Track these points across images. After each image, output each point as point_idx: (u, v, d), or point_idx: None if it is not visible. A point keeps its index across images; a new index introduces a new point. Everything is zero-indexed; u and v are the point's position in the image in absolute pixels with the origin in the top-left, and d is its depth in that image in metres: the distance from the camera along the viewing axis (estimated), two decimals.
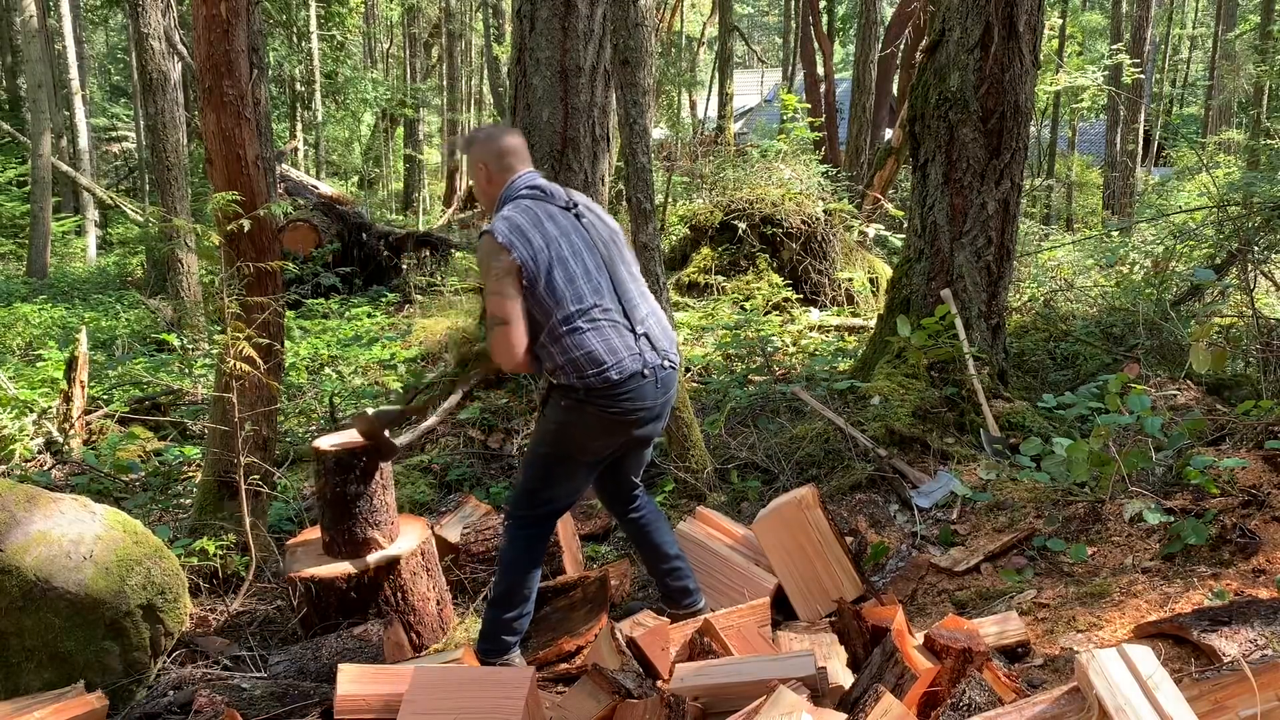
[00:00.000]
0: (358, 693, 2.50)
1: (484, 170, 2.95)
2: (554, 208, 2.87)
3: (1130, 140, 16.81)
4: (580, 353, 2.72)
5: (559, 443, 2.88)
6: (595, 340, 2.74)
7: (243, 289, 3.67)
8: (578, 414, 2.80)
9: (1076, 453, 3.51)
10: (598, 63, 5.84)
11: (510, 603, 2.92)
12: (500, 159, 2.93)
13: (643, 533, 3.14)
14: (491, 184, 2.94)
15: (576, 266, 2.78)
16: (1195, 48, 30.56)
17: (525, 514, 2.96)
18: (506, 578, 2.93)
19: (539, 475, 2.93)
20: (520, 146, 2.99)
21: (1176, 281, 6.95)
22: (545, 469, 2.92)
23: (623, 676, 2.35)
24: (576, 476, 2.95)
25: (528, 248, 2.72)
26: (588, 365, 2.72)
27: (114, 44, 27.96)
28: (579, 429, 2.83)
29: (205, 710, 2.64)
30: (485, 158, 2.94)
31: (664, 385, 2.86)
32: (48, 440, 5.57)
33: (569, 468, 2.91)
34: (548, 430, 2.90)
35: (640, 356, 2.78)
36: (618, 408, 2.77)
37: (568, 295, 2.74)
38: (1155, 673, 1.82)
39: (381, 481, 3.34)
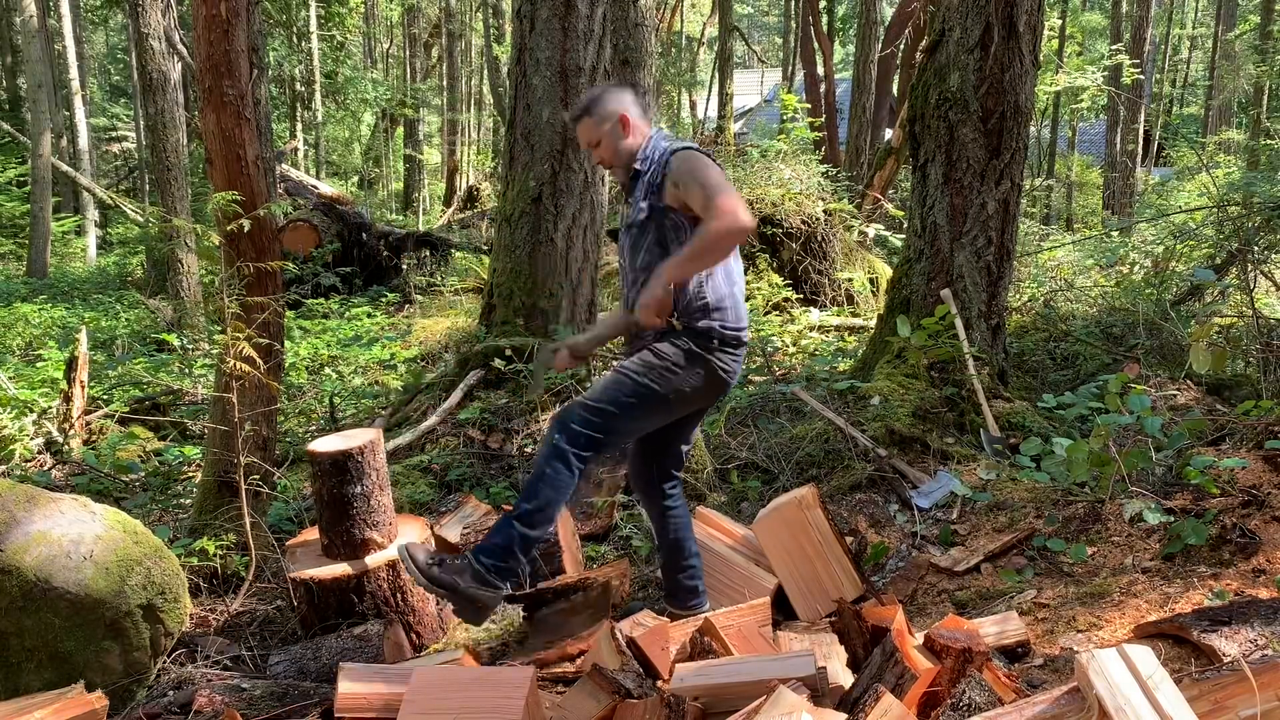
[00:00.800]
0: (359, 692, 2.50)
1: (626, 123, 2.86)
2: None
3: (1130, 140, 16.82)
4: (730, 302, 2.82)
5: (663, 380, 2.78)
6: (739, 300, 2.86)
7: (243, 289, 3.67)
8: (696, 361, 2.80)
9: (1076, 453, 3.51)
10: (598, 63, 5.84)
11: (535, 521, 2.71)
12: (639, 107, 2.92)
13: (672, 526, 3.12)
14: (634, 135, 2.88)
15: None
16: (1195, 48, 30.57)
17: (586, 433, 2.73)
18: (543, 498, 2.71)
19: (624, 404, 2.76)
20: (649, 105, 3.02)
21: (1176, 281, 6.96)
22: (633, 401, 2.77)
23: (623, 676, 2.35)
24: (650, 421, 2.87)
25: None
26: (732, 317, 2.82)
27: (114, 44, 27.96)
28: (690, 375, 2.80)
29: (205, 710, 2.64)
30: (628, 108, 2.89)
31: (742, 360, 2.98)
32: (48, 440, 5.57)
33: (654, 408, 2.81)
34: (656, 366, 2.79)
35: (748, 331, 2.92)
36: (730, 367, 2.86)
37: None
38: (1155, 673, 1.82)
39: (378, 482, 3.34)
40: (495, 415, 5.37)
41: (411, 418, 5.76)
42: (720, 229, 2.62)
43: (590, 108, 2.91)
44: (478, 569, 2.65)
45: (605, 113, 2.88)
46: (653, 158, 2.84)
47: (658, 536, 3.20)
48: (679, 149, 2.78)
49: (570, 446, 2.72)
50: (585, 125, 2.93)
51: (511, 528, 2.70)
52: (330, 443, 3.34)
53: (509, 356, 5.53)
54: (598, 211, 6.08)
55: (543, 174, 5.81)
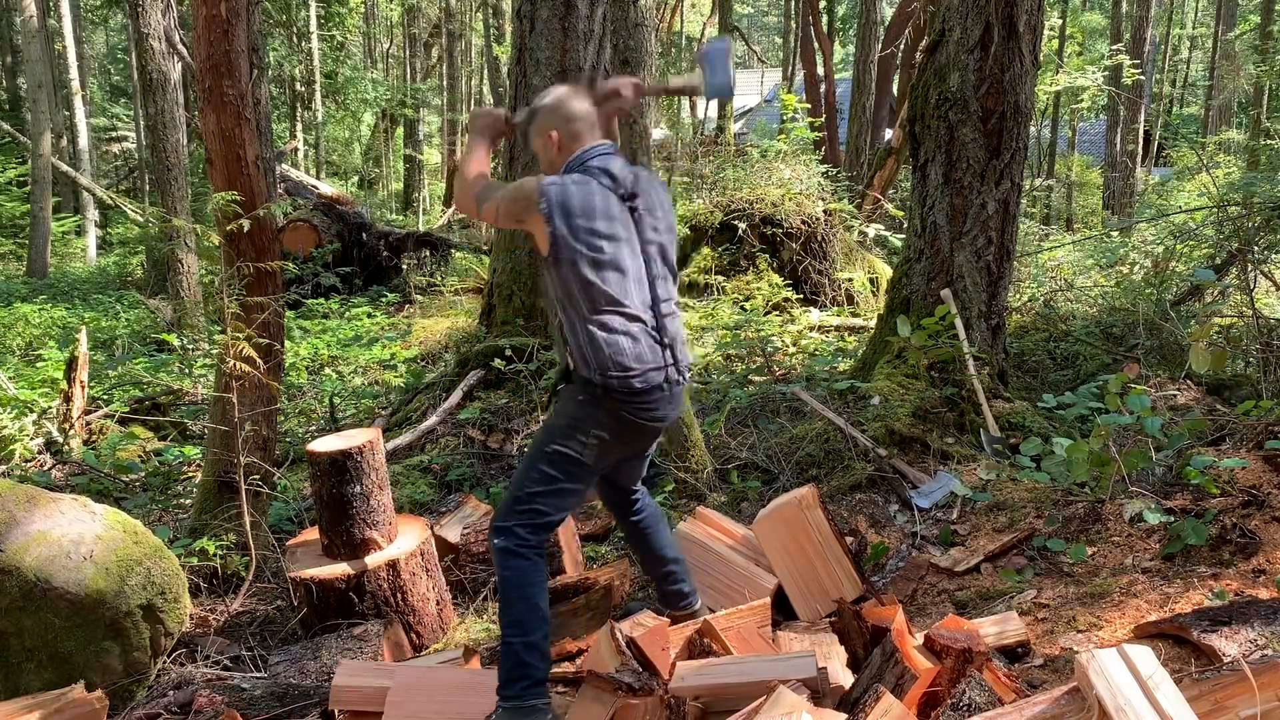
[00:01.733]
0: (353, 685, 2.51)
1: (553, 139, 2.73)
2: (614, 198, 2.66)
3: (1130, 140, 16.82)
4: (608, 351, 2.58)
5: (569, 439, 2.66)
6: (626, 343, 2.60)
7: (242, 289, 3.67)
8: (593, 411, 2.64)
9: (1076, 453, 3.51)
10: (598, 63, 5.84)
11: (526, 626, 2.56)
12: (569, 124, 2.72)
13: (642, 535, 3.08)
14: (562, 152, 2.74)
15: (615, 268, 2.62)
16: (1195, 48, 30.56)
17: (513, 525, 2.63)
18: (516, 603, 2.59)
19: (539, 476, 2.67)
20: (591, 113, 2.76)
21: (1176, 281, 6.95)
22: (549, 468, 2.67)
23: (623, 675, 2.35)
24: (578, 483, 2.73)
25: (565, 225, 2.56)
26: (614, 367, 2.58)
27: (114, 44, 27.96)
28: (592, 426, 2.65)
29: (205, 710, 2.64)
30: (554, 124, 2.73)
31: (675, 401, 2.76)
32: (48, 440, 5.57)
33: (573, 469, 2.68)
34: (557, 427, 2.70)
35: (664, 370, 2.66)
36: (632, 414, 2.65)
37: (601, 291, 2.59)
38: (1155, 673, 1.82)
39: (377, 482, 3.33)
40: (495, 415, 5.37)
41: (411, 418, 5.76)
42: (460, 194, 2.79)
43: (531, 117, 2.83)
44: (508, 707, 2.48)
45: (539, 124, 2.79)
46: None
47: (632, 547, 3.17)
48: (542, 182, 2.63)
49: (513, 543, 2.62)
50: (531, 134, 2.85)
51: (509, 647, 2.55)
52: (329, 443, 3.34)
53: (509, 356, 5.53)
54: None
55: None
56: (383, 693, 2.47)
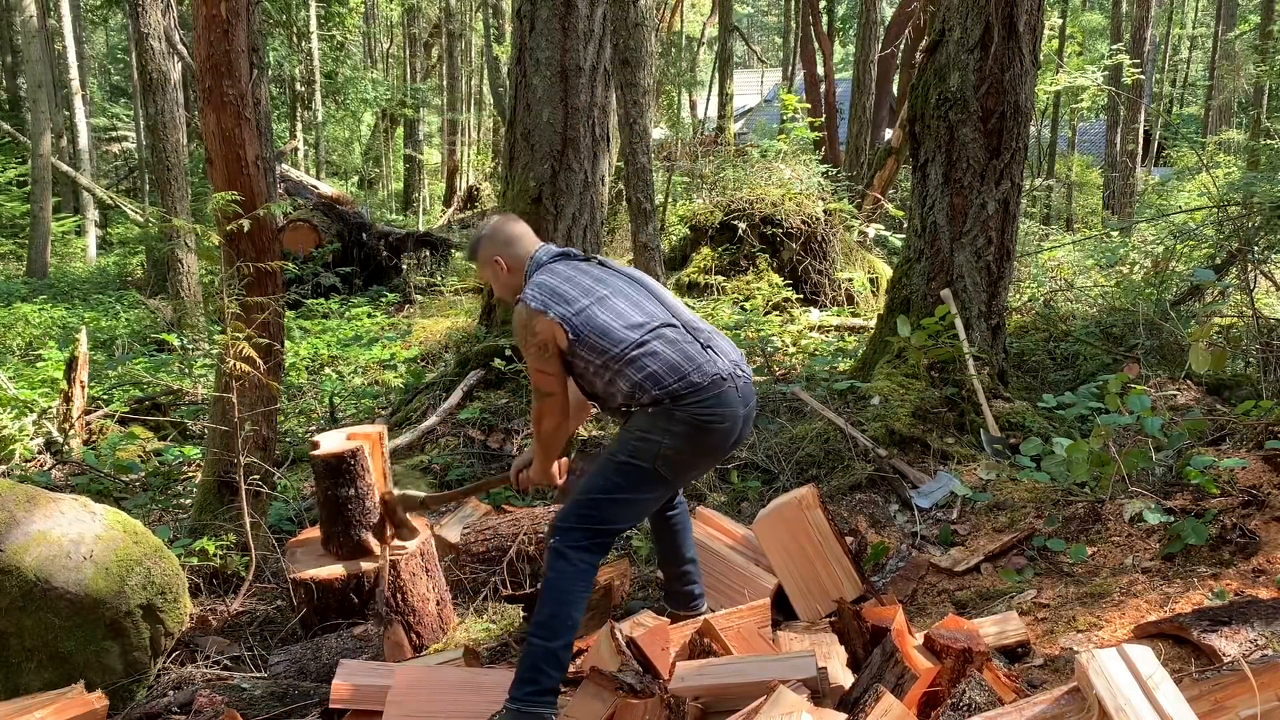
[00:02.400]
0: (354, 684, 2.51)
1: (500, 264, 2.86)
2: (580, 263, 2.84)
3: (1130, 140, 16.81)
4: (657, 365, 2.61)
5: (640, 454, 2.65)
6: (669, 350, 2.63)
7: (243, 289, 3.67)
8: (665, 422, 2.62)
9: (1076, 453, 3.51)
10: (598, 63, 5.84)
11: (554, 630, 2.56)
12: (509, 247, 2.87)
13: (670, 533, 3.12)
14: (512, 273, 2.86)
15: (621, 301, 2.71)
16: (1195, 48, 30.56)
17: (575, 529, 2.64)
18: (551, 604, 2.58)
19: (610, 487, 2.67)
20: (523, 230, 2.93)
21: (1176, 281, 6.95)
22: (619, 481, 2.67)
23: (624, 675, 2.35)
24: (646, 496, 2.74)
25: (562, 304, 2.65)
26: (667, 375, 2.60)
27: (114, 44, 27.96)
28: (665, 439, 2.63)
29: (205, 710, 2.64)
30: (496, 252, 2.87)
31: (745, 394, 2.72)
32: (48, 440, 5.57)
33: (643, 482, 2.68)
34: (629, 441, 2.68)
35: (715, 361, 2.66)
36: (708, 413, 2.62)
37: (620, 327, 2.64)
38: (1155, 673, 1.82)
39: (375, 484, 3.33)
40: (495, 415, 5.37)
41: (411, 418, 5.76)
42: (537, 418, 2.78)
43: (472, 253, 2.96)
44: (513, 709, 2.46)
45: (483, 257, 2.90)
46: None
47: (656, 542, 3.21)
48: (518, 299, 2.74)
49: (568, 546, 2.63)
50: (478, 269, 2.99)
51: (531, 648, 2.54)
52: (331, 439, 3.34)
53: (509, 356, 5.53)
54: (597, 212, 6.08)
55: (543, 174, 5.81)
56: (383, 692, 2.48)
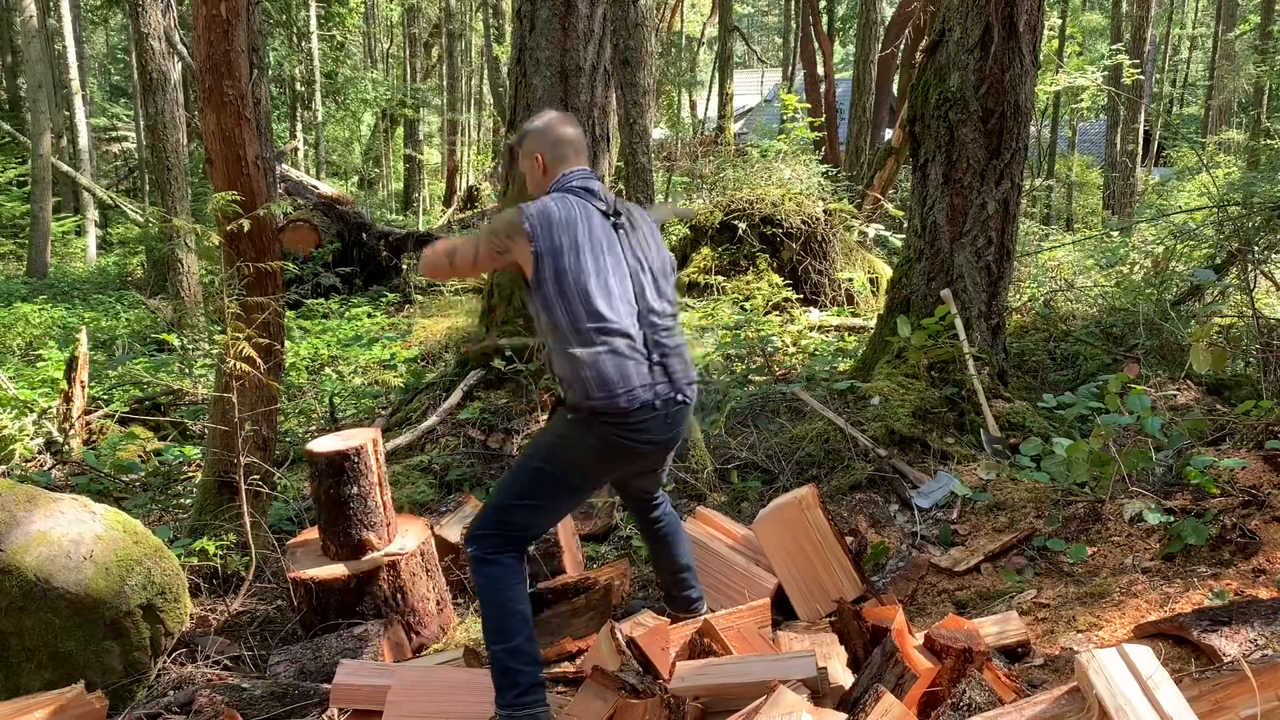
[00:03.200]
0: (353, 684, 2.51)
1: (539, 161, 2.78)
2: (596, 213, 2.67)
3: (1130, 140, 16.81)
4: (590, 372, 2.51)
5: (553, 459, 2.65)
6: (607, 362, 2.52)
7: (243, 289, 3.67)
8: (582, 433, 2.59)
9: (1076, 453, 3.51)
10: (598, 63, 5.84)
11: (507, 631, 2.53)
12: (555, 148, 2.78)
13: (660, 541, 3.08)
14: (546, 175, 2.78)
15: (599, 281, 2.57)
16: (1195, 48, 30.57)
17: (491, 535, 2.61)
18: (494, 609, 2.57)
19: (521, 491, 2.65)
20: (577, 138, 2.82)
21: (1176, 281, 6.95)
22: (531, 485, 2.65)
23: (625, 675, 2.35)
24: (560, 502, 2.73)
25: (547, 241, 2.55)
26: (596, 387, 2.51)
27: (114, 44, 27.96)
28: (579, 449, 2.61)
29: (205, 710, 2.64)
30: (540, 147, 2.78)
31: (673, 420, 2.66)
32: (48, 440, 5.57)
33: (555, 489, 2.67)
34: (545, 444, 2.69)
35: (653, 387, 2.57)
36: (621, 437, 2.57)
37: (582, 306, 2.54)
38: (1155, 673, 1.82)
39: (376, 483, 3.33)
40: (495, 415, 5.37)
41: (411, 418, 5.76)
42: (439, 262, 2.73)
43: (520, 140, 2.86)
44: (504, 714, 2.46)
45: (527, 148, 2.83)
46: None
47: (649, 550, 3.19)
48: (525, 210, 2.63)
49: (486, 551, 2.59)
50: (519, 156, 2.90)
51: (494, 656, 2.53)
52: (328, 443, 3.34)
53: (509, 356, 5.53)
54: None
55: None
56: (383, 692, 2.48)
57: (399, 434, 5.40)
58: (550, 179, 2.77)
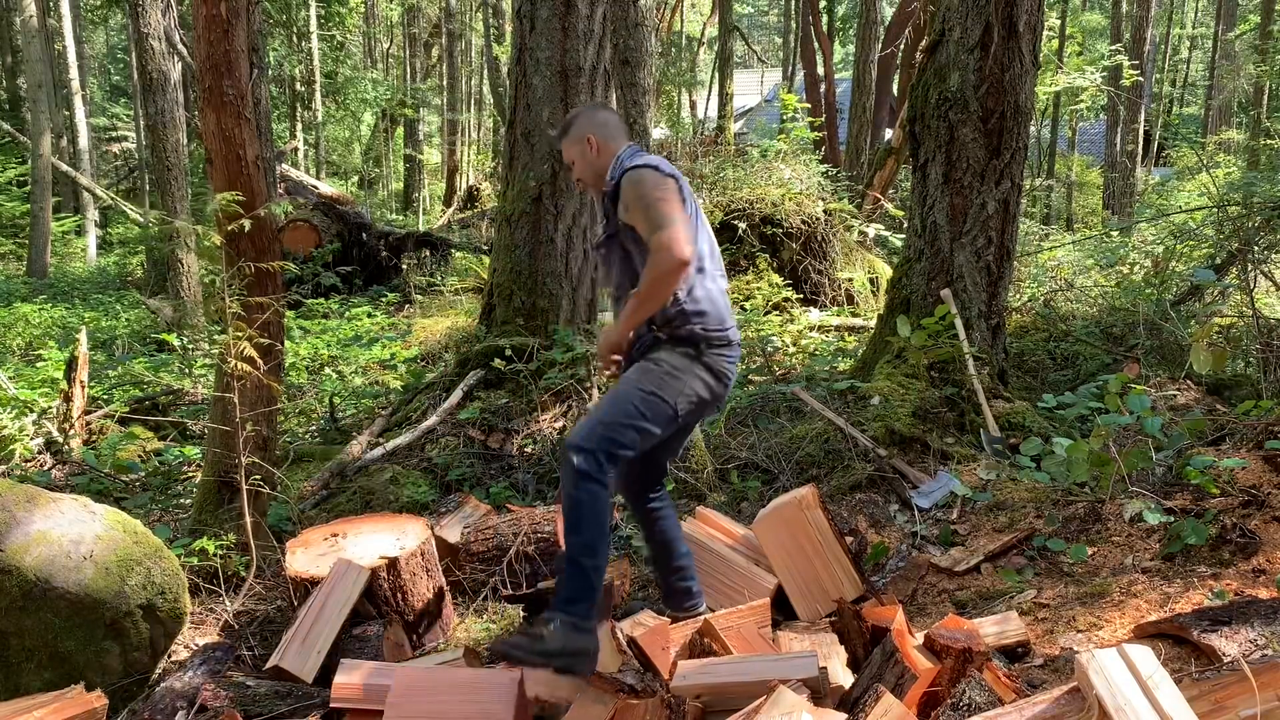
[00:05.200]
0: (354, 683, 2.51)
1: (592, 143, 2.95)
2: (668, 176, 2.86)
3: (1130, 140, 16.81)
4: (709, 305, 2.82)
5: (665, 388, 2.78)
6: (720, 298, 2.87)
7: (243, 289, 3.67)
8: (694, 364, 2.83)
9: (1076, 453, 3.51)
10: (598, 63, 5.84)
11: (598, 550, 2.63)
12: (606, 127, 2.99)
13: (658, 527, 3.12)
14: (601, 154, 2.96)
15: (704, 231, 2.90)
16: (1195, 48, 30.56)
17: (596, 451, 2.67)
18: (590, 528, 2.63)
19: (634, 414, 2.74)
20: (619, 121, 3.07)
21: (1176, 281, 6.95)
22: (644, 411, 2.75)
23: (624, 675, 2.35)
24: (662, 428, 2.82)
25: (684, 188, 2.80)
26: (714, 319, 2.82)
27: (114, 44, 27.96)
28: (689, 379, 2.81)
29: (207, 709, 2.64)
30: (591, 129, 2.97)
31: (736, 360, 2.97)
32: (48, 440, 5.57)
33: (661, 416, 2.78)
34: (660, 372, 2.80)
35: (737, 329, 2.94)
36: (725, 367, 2.87)
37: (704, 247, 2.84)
38: (1155, 673, 1.82)
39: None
40: (495, 415, 5.37)
41: (411, 418, 5.76)
42: (657, 274, 2.68)
43: (566, 129, 3.04)
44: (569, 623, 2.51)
45: (576, 134, 2.99)
46: (615, 178, 2.88)
47: (646, 540, 3.21)
48: (631, 168, 2.80)
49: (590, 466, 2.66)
50: (564, 146, 3.06)
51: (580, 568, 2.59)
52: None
53: (509, 356, 5.53)
54: (598, 212, 6.07)
55: (543, 174, 5.81)
56: (383, 692, 2.48)
57: (399, 434, 5.40)
58: (608, 155, 2.95)
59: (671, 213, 2.69)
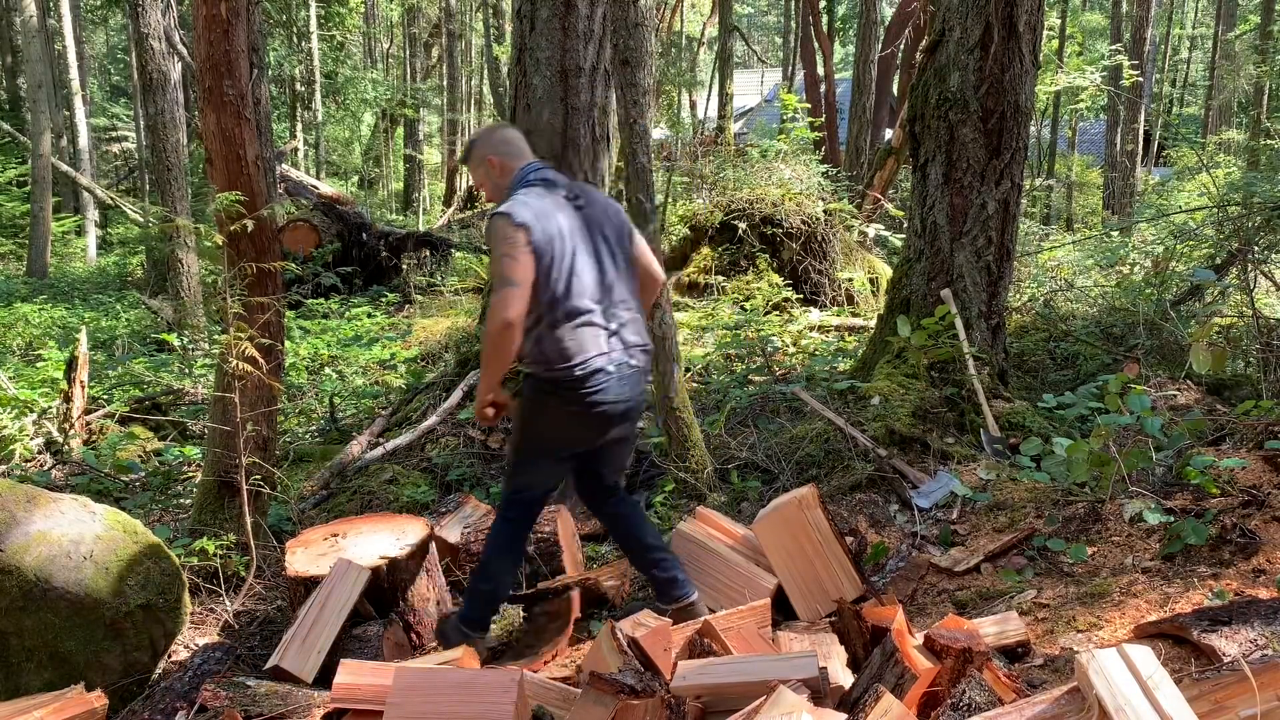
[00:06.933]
0: (355, 683, 2.51)
1: (494, 163, 3.01)
2: (560, 199, 2.91)
3: (1130, 140, 16.81)
4: (551, 347, 2.82)
5: (525, 432, 3.02)
6: (568, 338, 2.82)
7: (243, 289, 3.67)
8: (541, 404, 2.92)
9: (1076, 453, 3.51)
10: (598, 63, 5.83)
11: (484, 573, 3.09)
12: (507, 146, 3.03)
13: (619, 527, 3.19)
14: (503, 174, 3.00)
15: (567, 264, 2.83)
16: (1195, 48, 30.56)
17: (506, 495, 3.09)
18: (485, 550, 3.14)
19: (512, 460, 3.11)
20: (520, 138, 3.09)
21: (1176, 281, 6.95)
22: (516, 455, 3.08)
23: (624, 676, 2.35)
24: (543, 467, 3.05)
25: (542, 232, 2.78)
26: (556, 359, 2.81)
27: (114, 44, 27.96)
28: (543, 420, 2.95)
29: (207, 709, 2.64)
30: (491, 150, 3.02)
31: (629, 383, 2.92)
32: (48, 440, 5.57)
33: (535, 458, 3.03)
34: (518, 418, 3.04)
35: (608, 355, 2.86)
36: (579, 403, 2.85)
37: (555, 291, 2.81)
38: (1155, 673, 1.82)
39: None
40: None
41: (411, 418, 5.76)
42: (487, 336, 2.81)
43: (468, 153, 3.11)
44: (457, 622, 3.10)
45: (478, 156, 3.06)
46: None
47: (616, 540, 3.32)
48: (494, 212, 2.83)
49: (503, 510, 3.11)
50: (470, 170, 3.13)
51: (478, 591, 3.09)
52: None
53: None
54: None
55: None
56: (383, 692, 2.47)
57: (399, 434, 5.40)
58: (509, 175, 2.99)
59: (508, 272, 2.73)
